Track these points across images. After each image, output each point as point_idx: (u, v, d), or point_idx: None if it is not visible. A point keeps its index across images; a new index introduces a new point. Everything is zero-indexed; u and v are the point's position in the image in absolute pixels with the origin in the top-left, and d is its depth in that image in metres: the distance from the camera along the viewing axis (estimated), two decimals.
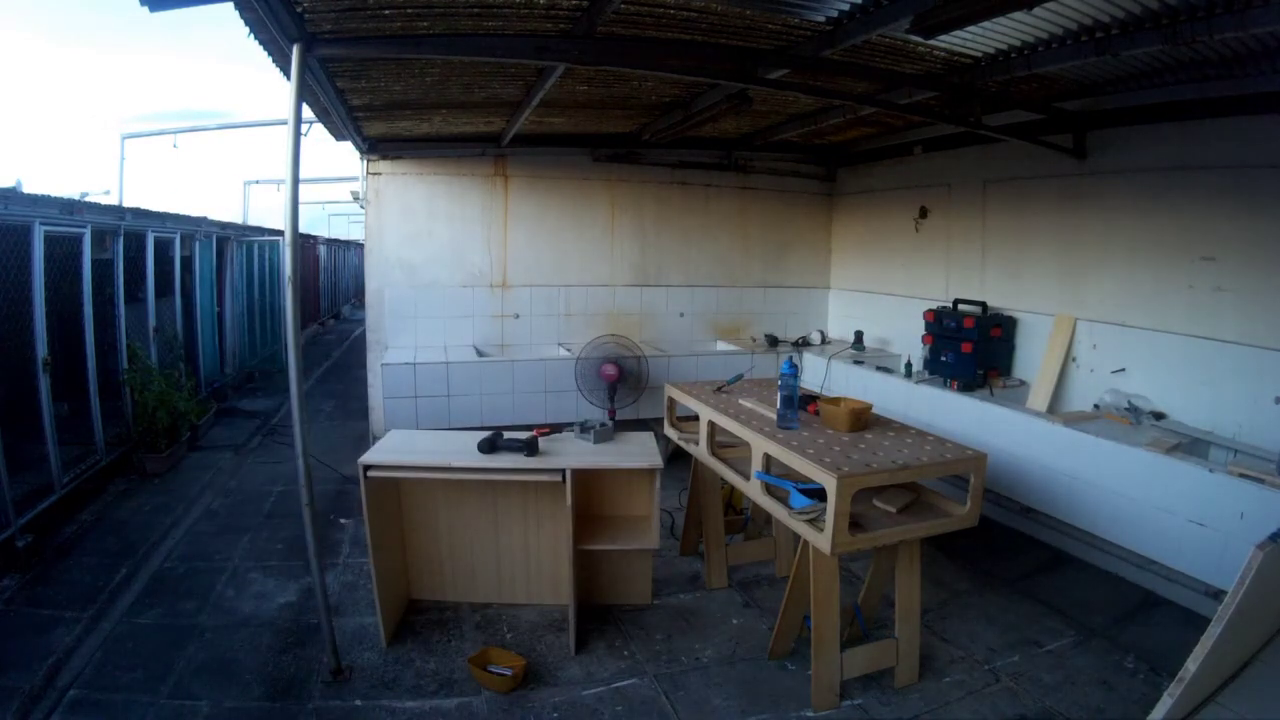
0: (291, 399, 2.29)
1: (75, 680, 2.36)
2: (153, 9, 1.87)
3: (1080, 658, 2.61)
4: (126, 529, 3.59)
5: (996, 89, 3.36)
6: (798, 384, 2.65)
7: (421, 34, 2.52)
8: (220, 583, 3.07)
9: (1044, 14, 2.38)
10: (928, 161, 4.66)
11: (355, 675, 2.45)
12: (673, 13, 2.48)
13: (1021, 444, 3.36)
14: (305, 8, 2.21)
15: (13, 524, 3.11)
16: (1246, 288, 3.01)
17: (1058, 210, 3.83)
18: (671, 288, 5.38)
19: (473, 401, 4.21)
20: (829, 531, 2.08)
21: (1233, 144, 3.03)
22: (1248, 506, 2.50)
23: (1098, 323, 3.64)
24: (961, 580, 3.21)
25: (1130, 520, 2.91)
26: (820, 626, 2.27)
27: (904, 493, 2.42)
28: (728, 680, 2.48)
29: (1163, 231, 3.33)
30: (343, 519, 3.75)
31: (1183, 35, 2.33)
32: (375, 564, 2.56)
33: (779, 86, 3.08)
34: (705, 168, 5.32)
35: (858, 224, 5.53)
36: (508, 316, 4.98)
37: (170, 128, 9.13)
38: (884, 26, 2.37)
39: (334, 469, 4.30)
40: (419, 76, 3.21)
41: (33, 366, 3.39)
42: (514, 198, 4.93)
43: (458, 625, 2.77)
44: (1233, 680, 1.37)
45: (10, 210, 3.18)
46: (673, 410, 3.31)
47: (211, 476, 4.43)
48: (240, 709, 2.26)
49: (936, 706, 2.35)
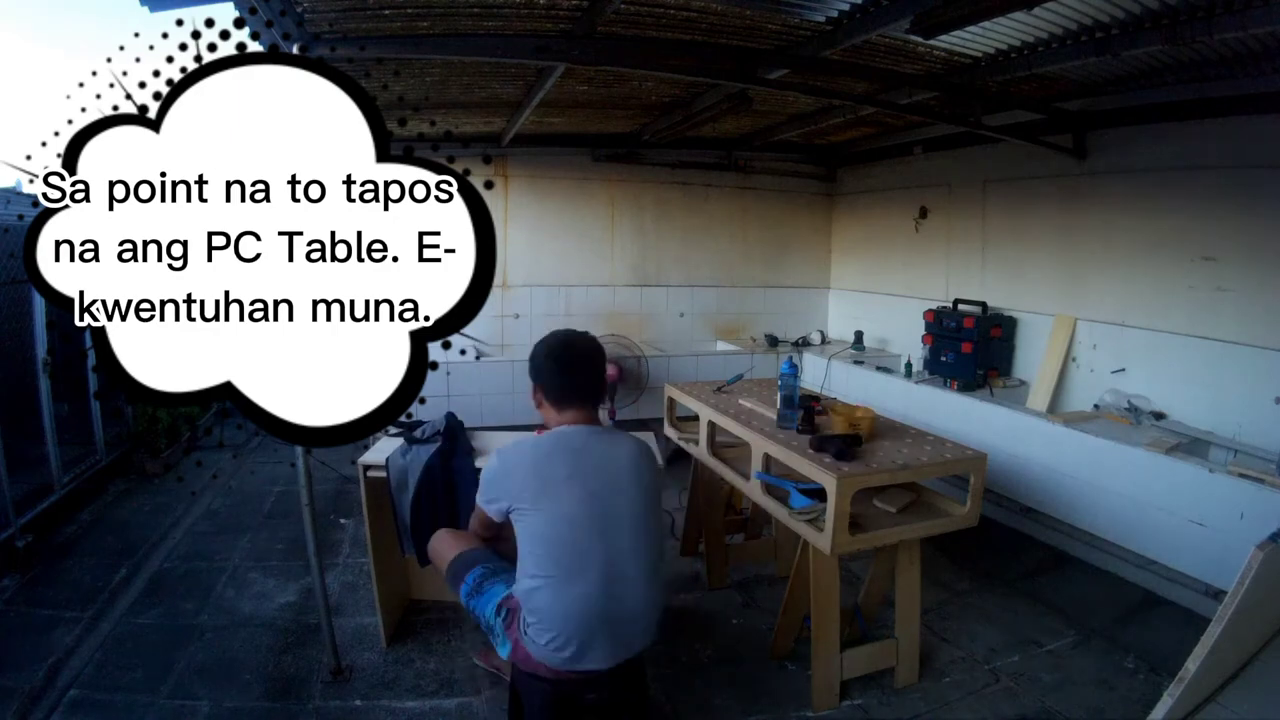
0: None
1: (75, 680, 2.36)
2: (153, 9, 1.87)
3: (1080, 658, 2.60)
4: (126, 529, 3.59)
5: (996, 89, 3.36)
6: (798, 384, 2.64)
7: (421, 34, 2.52)
8: (220, 583, 3.07)
9: (1044, 14, 2.38)
10: (928, 161, 4.66)
11: (355, 675, 2.45)
12: (673, 13, 2.48)
13: (1021, 444, 3.36)
14: (305, 8, 2.21)
15: (13, 524, 3.11)
16: (1246, 288, 3.01)
17: (1058, 210, 3.83)
18: (671, 288, 5.38)
19: (473, 401, 4.21)
20: (829, 531, 2.08)
21: (1233, 144, 3.03)
22: (1248, 506, 2.50)
23: (1098, 323, 3.63)
24: (961, 580, 3.21)
25: (1130, 520, 2.91)
26: (820, 626, 2.27)
27: (904, 493, 2.42)
28: (728, 680, 2.47)
29: (1163, 231, 3.33)
30: (343, 519, 3.75)
31: (1183, 35, 2.33)
32: (375, 564, 2.56)
33: (779, 86, 3.08)
34: (705, 168, 5.32)
35: (858, 224, 5.53)
36: (508, 316, 4.98)
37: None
38: (884, 26, 2.37)
39: (334, 469, 4.30)
40: (419, 76, 3.21)
41: (33, 367, 3.39)
42: (514, 198, 4.93)
43: (458, 625, 2.76)
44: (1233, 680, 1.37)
45: (10, 210, 3.19)
46: (673, 410, 3.31)
47: (211, 476, 4.43)
48: (240, 709, 2.26)
49: (936, 706, 2.35)
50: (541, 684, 1.77)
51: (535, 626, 1.72)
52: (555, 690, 1.77)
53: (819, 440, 2.30)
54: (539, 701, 1.81)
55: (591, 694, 1.80)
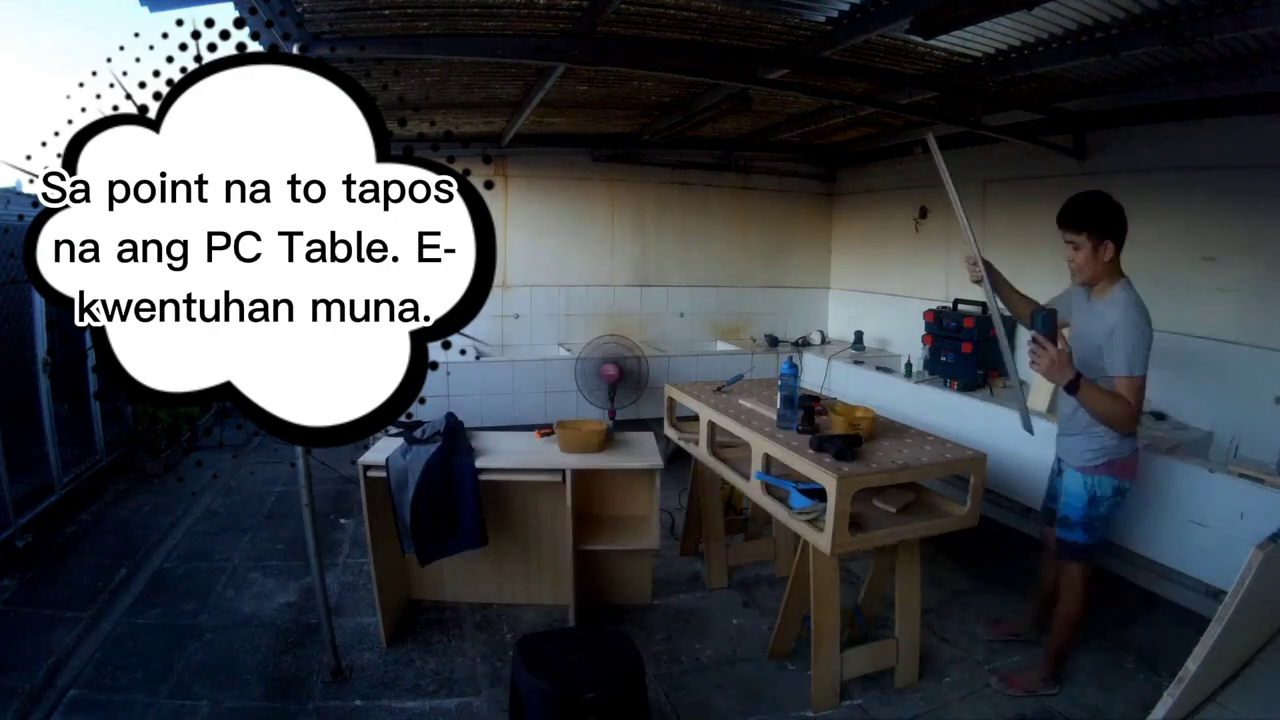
0: None
1: (75, 680, 2.36)
2: (153, 9, 1.87)
3: (1080, 658, 2.60)
4: (126, 529, 3.59)
5: (996, 89, 3.36)
6: (798, 384, 2.64)
7: (421, 34, 2.52)
8: (220, 583, 3.07)
9: (1044, 14, 2.38)
10: (928, 161, 4.64)
11: (355, 675, 2.45)
12: (673, 13, 2.48)
13: (1022, 444, 3.35)
14: (305, 8, 2.21)
15: (13, 524, 3.11)
16: (1246, 288, 3.01)
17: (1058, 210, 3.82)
18: (671, 288, 5.37)
19: (473, 401, 4.21)
20: (829, 531, 2.08)
21: (1233, 144, 3.03)
22: (1248, 506, 2.49)
23: None
24: (961, 580, 3.21)
25: (1130, 520, 2.90)
26: (820, 626, 2.27)
27: (904, 493, 2.42)
28: (728, 680, 2.48)
29: (1163, 231, 3.32)
30: (343, 519, 3.75)
31: (1183, 35, 2.32)
32: (375, 564, 2.56)
33: (779, 87, 3.08)
34: (705, 168, 5.31)
35: (858, 224, 5.53)
36: (508, 316, 4.98)
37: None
38: (884, 26, 2.37)
39: (334, 469, 4.30)
40: (419, 77, 3.21)
41: (33, 367, 3.39)
42: (514, 198, 4.93)
43: (458, 625, 2.77)
44: (1233, 680, 1.37)
45: (10, 210, 3.19)
46: (673, 410, 3.31)
47: (211, 476, 4.43)
48: (240, 709, 2.26)
49: (936, 706, 2.35)
50: (542, 684, 1.77)
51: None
52: (556, 690, 1.77)
53: (819, 440, 2.30)
54: (538, 701, 1.81)
55: (591, 694, 1.80)
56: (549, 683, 1.77)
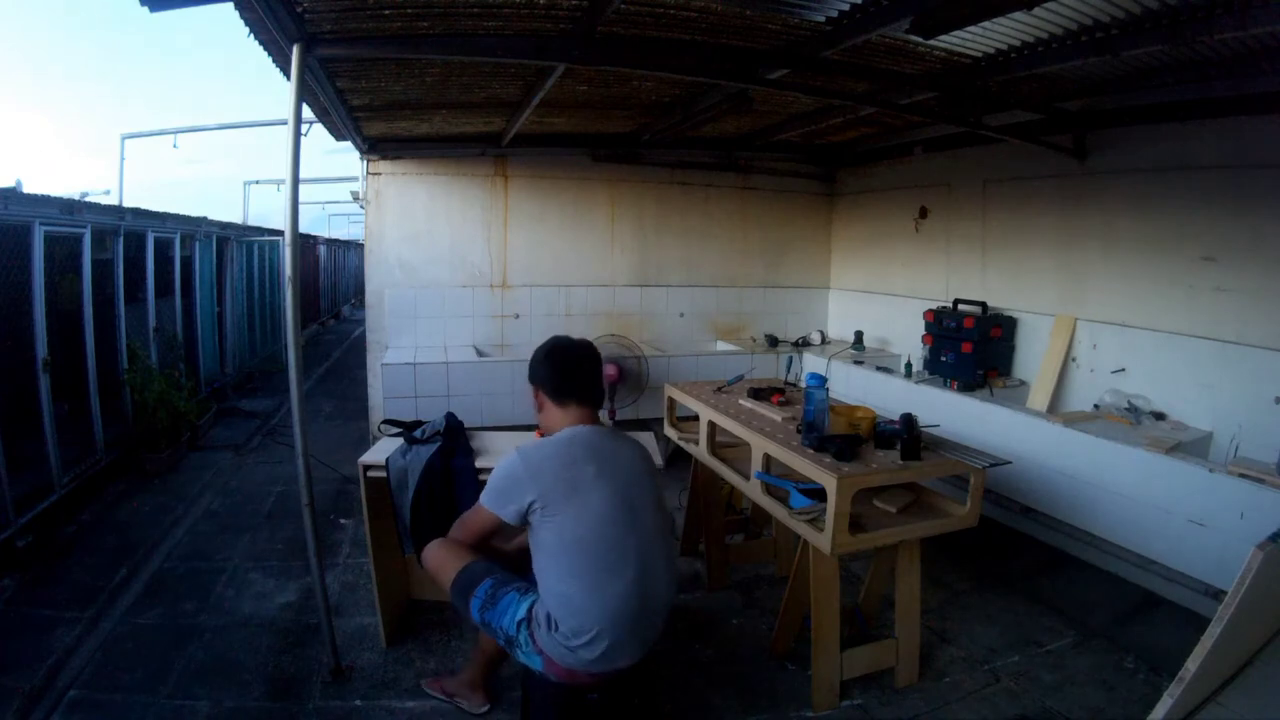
0: (292, 399, 2.29)
1: (75, 680, 2.36)
2: (153, 9, 1.87)
3: (1080, 658, 2.61)
4: (126, 529, 3.59)
5: (996, 89, 3.36)
6: (827, 401, 2.40)
7: (421, 34, 2.52)
8: (220, 583, 3.07)
9: (1044, 14, 2.38)
10: (928, 161, 4.66)
11: (355, 675, 2.45)
12: (673, 13, 2.47)
13: (1021, 444, 3.36)
14: (305, 8, 2.21)
15: (13, 524, 3.11)
16: (1246, 288, 3.01)
17: (1058, 210, 3.83)
18: (671, 288, 5.38)
19: (473, 401, 4.21)
20: (829, 531, 2.08)
21: (1232, 144, 3.03)
22: (1248, 506, 2.50)
23: (1098, 323, 3.64)
24: (961, 580, 3.21)
25: (1130, 520, 2.91)
26: (820, 626, 2.27)
27: (904, 493, 2.42)
28: (728, 680, 2.48)
29: (1163, 231, 3.33)
30: (343, 519, 3.75)
31: (1184, 35, 2.32)
32: (375, 564, 2.56)
33: (779, 86, 3.08)
34: (705, 168, 5.32)
35: (858, 224, 5.53)
36: (508, 317, 4.98)
37: (170, 127, 9.09)
38: (884, 26, 2.36)
39: (334, 469, 4.30)
40: (419, 76, 3.21)
41: (33, 366, 3.39)
42: (514, 198, 4.93)
43: (458, 625, 2.77)
44: (1233, 680, 1.37)
45: (10, 210, 3.18)
46: (673, 410, 3.31)
47: (211, 476, 4.43)
48: (240, 709, 2.26)
49: (936, 706, 2.35)
50: (557, 687, 1.76)
51: (569, 632, 1.68)
52: (566, 691, 1.77)
53: (819, 440, 2.30)
54: (543, 700, 1.81)
55: (602, 695, 1.80)
56: (565, 686, 1.77)
